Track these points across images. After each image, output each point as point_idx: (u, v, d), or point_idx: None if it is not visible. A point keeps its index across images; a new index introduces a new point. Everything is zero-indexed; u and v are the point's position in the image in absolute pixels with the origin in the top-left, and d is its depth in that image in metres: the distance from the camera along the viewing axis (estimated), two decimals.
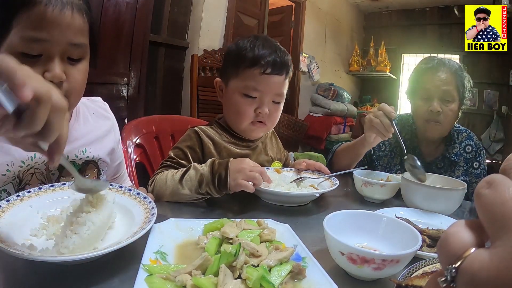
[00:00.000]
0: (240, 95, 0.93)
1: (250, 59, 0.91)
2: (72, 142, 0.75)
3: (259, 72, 0.91)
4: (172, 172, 0.84)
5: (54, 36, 0.59)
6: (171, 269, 0.46)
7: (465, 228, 0.21)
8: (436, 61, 1.21)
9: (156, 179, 0.84)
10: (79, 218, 0.51)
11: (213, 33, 2.92)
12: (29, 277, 0.46)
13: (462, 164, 1.25)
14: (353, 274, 0.53)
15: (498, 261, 0.18)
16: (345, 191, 1.05)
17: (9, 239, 0.47)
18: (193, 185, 0.79)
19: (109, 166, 0.86)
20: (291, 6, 4.13)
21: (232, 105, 0.96)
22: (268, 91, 0.93)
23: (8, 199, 0.56)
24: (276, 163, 1.08)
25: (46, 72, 0.60)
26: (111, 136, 0.87)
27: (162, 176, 0.84)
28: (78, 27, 0.63)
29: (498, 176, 0.20)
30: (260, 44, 0.93)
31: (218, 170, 0.78)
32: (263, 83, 0.91)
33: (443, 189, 0.84)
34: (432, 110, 1.16)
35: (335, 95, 4.23)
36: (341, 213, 0.61)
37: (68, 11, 0.60)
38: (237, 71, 0.94)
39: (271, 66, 0.91)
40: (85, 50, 0.67)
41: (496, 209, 0.19)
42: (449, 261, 0.20)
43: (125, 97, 2.27)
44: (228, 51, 1.02)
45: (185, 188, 0.79)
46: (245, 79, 0.92)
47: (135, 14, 2.20)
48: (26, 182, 0.69)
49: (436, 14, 4.83)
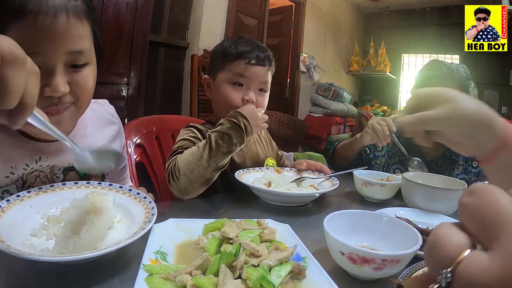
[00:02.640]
0: (228, 84, 1.00)
1: (235, 53, 0.99)
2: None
3: (244, 63, 0.98)
4: (190, 151, 0.85)
5: (49, 48, 0.54)
6: (171, 269, 0.46)
7: (455, 229, 0.20)
8: (444, 69, 1.20)
9: (177, 163, 0.83)
10: (79, 218, 0.51)
11: (213, 33, 2.92)
12: (29, 277, 0.46)
13: (461, 163, 1.26)
14: (353, 274, 0.53)
15: (499, 262, 0.17)
16: (345, 191, 1.05)
17: (9, 239, 0.47)
18: (220, 143, 0.82)
19: (113, 170, 0.86)
20: (291, 6, 4.13)
21: (220, 95, 1.01)
22: (254, 78, 0.99)
23: (8, 199, 0.56)
24: (270, 160, 1.09)
25: (46, 87, 0.55)
26: (117, 141, 0.85)
27: (180, 159, 0.84)
28: (77, 34, 0.57)
29: (479, 184, 0.20)
30: (243, 42, 1.01)
31: (240, 120, 0.85)
32: (249, 71, 0.98)
33: (443, 189, 0.84)
34: None
35: (335, 95, 4.24)
36: (341, 213, 0.61)
37: (62, 18, 0.54)
38: (223, 65, 1.01)
39: (255, 58, 0.99)
40: (89, 55, 0.62)
41: (484, 212, 0.18)
42: (442, 265, 0.19)
43: (125, 97, 2.27)
44: (214, 51, 1.09)
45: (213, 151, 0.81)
46: (231, 70, 0.99)
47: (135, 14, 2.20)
48: (30, 184, 0.68)
49: (436, 14, 4.84)
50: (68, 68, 0.59)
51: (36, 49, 0.53)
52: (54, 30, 0.53)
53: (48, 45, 0.54)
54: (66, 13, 0.54)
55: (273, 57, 1.05)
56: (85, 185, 0.66)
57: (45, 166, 0.69)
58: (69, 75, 0.59)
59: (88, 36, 0.61)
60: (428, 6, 4.84)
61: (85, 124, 0.77)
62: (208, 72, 1.10)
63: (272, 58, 1.04)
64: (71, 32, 0.56)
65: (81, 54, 0.60)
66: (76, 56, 0.59)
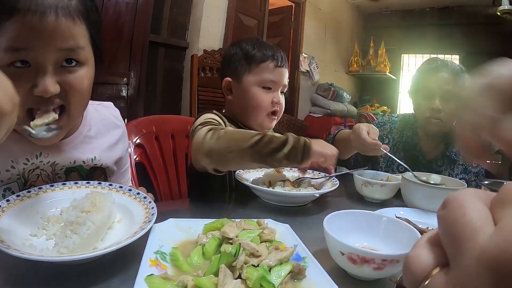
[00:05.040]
0: (258, 87, 1.02)
1: (262, 55, 1.01)
2: (80, 148, 0.73)
3: (273, 65, 1.01)
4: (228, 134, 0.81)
5: (38, 44, 0.55)
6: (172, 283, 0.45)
7: (425, 247, 0.20)
8: (439, 62, 1.25)
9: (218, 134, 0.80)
10: (79, 218, 0.51)
11: (213, 33, 2.92)
12: (29, 277, 0.46)
13: (461, 162, 1.27)
14: (353, 274, 0.53)
15: (451, 284, 0.17)
16: (345, 191, 1.05)
17: (9, 239, 0.47)
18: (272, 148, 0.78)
19: (115, 173, 0.85)
20: (291, 7, 4.13)
21: (249, 98, 1.02)
22: (281, 81, 1.03)
23: (8, 199, 0.56)
24: None
25: (34, 88, 0.56)
26: (121, 145, 0.84)
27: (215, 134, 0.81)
28: (68, 32, 0.57)
29: (452, 195, 0.19)
30: (262, 44, 1.04)
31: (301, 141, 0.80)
32: (278, 74, 1.02)
33: (443, 189, 0.84)
34: (433, 108, 1.19)
35: (335, 95, 4.23)
36: (341, 213, 0.61)
37: (51, 16, 0.54)
38: (250, 68, 1.02)
39: (281, 60, 1.03)
40: (83, 55, 0.61)
41: (449, 230, 0.18)
42: (414, 286, 0.19)
43: (125, 97, 2.27)
44: (232, 53, 1.07)
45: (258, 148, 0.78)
46: (260, 72, 1.01)
47: (135, 14, 2.20)
48: (32, 183, 0.68)
49: (436, 14, 4.84)
50: (60, 68, 0.59)
51: (24, 45, 0.54)
52: (43, 28, 0.54)
53: (37, 41, 0.54)
54: (56, 11, 0.55)
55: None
56: (85, 185, 0.66)
57: (46, 162, 0.69)
58: (61, 75, 0.59)
59: (82, 35, 0.60)
60: (428, 6, 4.84)
61: (89, 126, 0.77)
62: (225, 74, 1.08)
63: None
64: (61, 30, 0.56)
65: (73, 52, 0.59)
66: (68, 53, 0.58)
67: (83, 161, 0.74)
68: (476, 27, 4.41)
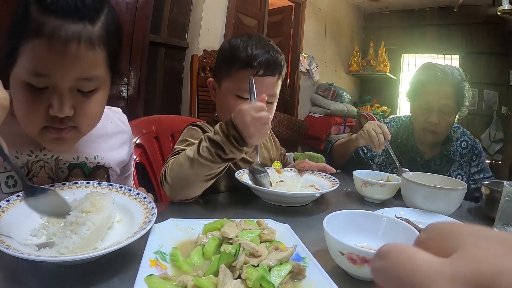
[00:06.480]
0: (233, 96, 0.92)
1: (243, 60, 0.89)
2: (83, 144, 0.73)
3: (251, 74, 0.88)
4: (183, 155, 0.78)
5: (57, 73, 0.56)
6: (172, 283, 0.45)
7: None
8: (439, 72, 1.19)
9: (169, 166, 0.78)
10: (79, 218, 0.51)
11: (213, 34, 2.92)
12: (29, 277, 0.46)
13: (457, 159, 1.27)
14: (353, 274, 0.53)
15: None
16: (345, 191, 1.05)
17: (9, 239, 0.47)
18: (211, 153, 0.74)
19: (118, 176, 0.86)
20: (291, 6, 4.13)
21: (225, 106, 0.94)
22: (261, 92, 0.84)
23: (8, 199, 0.56)
24: (276, 163, 1.08)
25: (50, 108, 0.57)
26: (125, 149, 0.85)
27: (174, 161, 0.78)
28: (88, 61, 0.57)
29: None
30: (253, 43, 0.91)
31: (230, 133, 0.74)
32: (256, 84, 0.83)
33: (443, 189, 0.84)
34: (430, 122, 1.19)
35: (335, 95, 4.23)
36: (341, 213, 0.61)
37: (74, 44, 0.54)
38: (230, 72, 0.92)
39: (264, 68, 0.89)
40: (99, 82, 0.62)
41: (400, 273, 0.18)
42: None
43: (125, 97, 2.27)
44: (221, 49, 1.00)
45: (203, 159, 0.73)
46: (238, 81, 0.90)
47: (135, 14, 2.20)
48: (34, 174, 0.68)
49: (435, 14, 4.83)
50: (76, 92, 0.60)
51: (45, 72, 0.55)
52: (65, 56, 0.55)
53: (57, 69, 0.55)
54: (78, 40, 0.55)
55: (284, 61, 0.96)
56: (85, 185, 0.67)
57: (50, 156, 0.70)
58: (76, 99, 0.60)
59: (101, 63, 0.61)
60: (428, 6, 4.83)
61: (94, 128, 0.77)
62: (213, 73, 1.02)
63: (283, 63, 0.95)
64: (81, 60, 0.57)
65: (90, 81, 0.60)
66: (85, 82, 0.60)
67: (85, 158, 0.75)
68: (476, 27, 4.41)
